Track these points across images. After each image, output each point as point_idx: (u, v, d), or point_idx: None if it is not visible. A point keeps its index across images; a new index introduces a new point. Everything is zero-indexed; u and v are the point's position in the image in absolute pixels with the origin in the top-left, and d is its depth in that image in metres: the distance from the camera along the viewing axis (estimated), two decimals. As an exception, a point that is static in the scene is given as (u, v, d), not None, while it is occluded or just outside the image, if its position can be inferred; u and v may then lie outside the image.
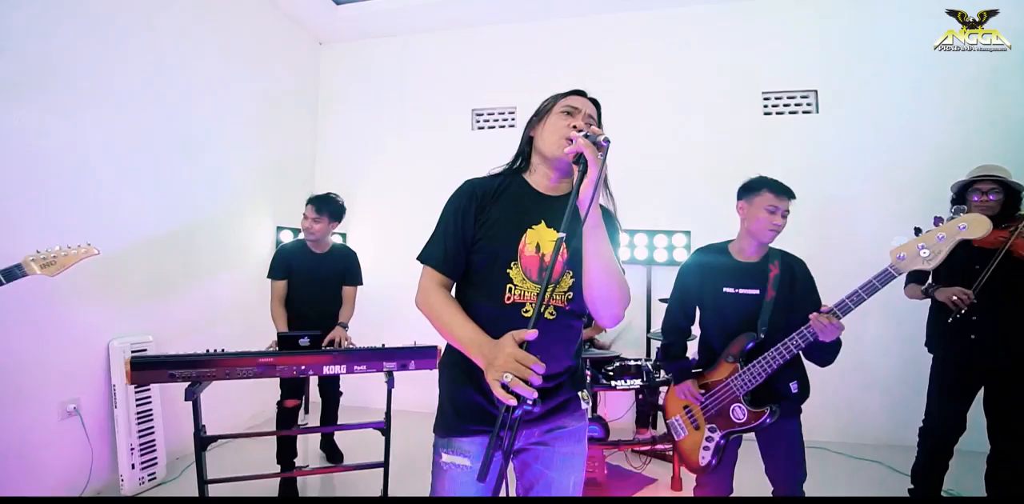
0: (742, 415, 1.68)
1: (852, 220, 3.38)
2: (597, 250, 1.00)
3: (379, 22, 4.00)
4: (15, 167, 2.18)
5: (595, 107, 1.21)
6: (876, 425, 3.26)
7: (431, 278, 1.11)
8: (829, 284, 3.06)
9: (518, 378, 0.83)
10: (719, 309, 1.77)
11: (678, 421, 1.88)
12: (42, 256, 1.55)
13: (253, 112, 3.60)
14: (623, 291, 1.05)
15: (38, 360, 2.25)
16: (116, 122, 2.61)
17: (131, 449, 2.50)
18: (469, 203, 1.12)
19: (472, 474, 1.04)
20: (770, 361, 1.62)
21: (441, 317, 1.04)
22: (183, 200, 3.02)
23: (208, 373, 1.98)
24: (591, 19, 3.89)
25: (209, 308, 3.16)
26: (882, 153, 3.36)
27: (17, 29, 2.17)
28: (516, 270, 1.08)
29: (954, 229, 1.36)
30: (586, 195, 0.94)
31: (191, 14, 3.06)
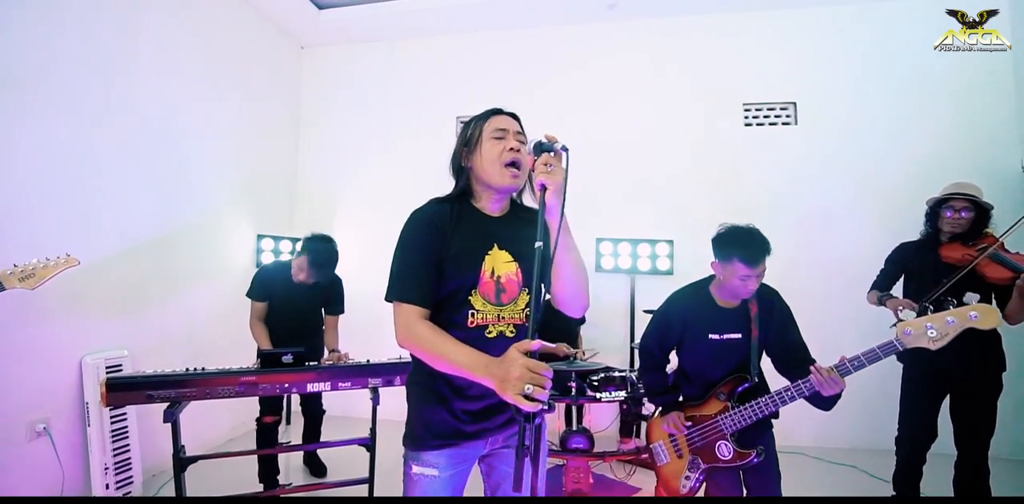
0: (728, 453, 1.72)
1: (830, 231, 3.46)
2: (567, 249, 1.08)
3: (363, 27, 3.95)
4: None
5: (518, 121, 1.24)
6: (852, 430, 3.35)
7: (407, 313, 1.09)
8: (806, 294, 3.15)
9: (538, 386, 0.86)
10: (701, 354, 1.80)
11: (661, 447, 1.91)
12: (20, 269, 1.50)
13: (233, 118, 3.52)
14: (586, 283, 1.17)
15: (4, 378, 2.16)
16: (91, 129, 2.52)
17: (105, 469, 2.42)
18: (432, 232, 1.13)
19: (439, 483, 1.12)
20: (763, 408, 1.66)
21: (435, 348, 1.05)
22: (160, 208, 2.94)
23: (188, 393, 1.93)
24: (576, 28, 3.90)
25: (187, 320, 3.08)
26: (859, 165, 3.45)
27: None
28: (476, 296, 1.13)
29: (965, 316, 1.41)
30: (553, 204, 1.00)
31: (169, 18, 2.98)
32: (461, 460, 1.15)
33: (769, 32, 3.65)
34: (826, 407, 1.67)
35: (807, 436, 3.35)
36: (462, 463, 1.15)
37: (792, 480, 2.79)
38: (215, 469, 2.78)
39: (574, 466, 2.60)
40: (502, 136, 1.17)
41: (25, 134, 2.24)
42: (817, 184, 3.52)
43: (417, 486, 1.13)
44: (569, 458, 2.59)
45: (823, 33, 3.59)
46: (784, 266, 3.48)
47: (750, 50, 3.67)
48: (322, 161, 4.24)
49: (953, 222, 2.11)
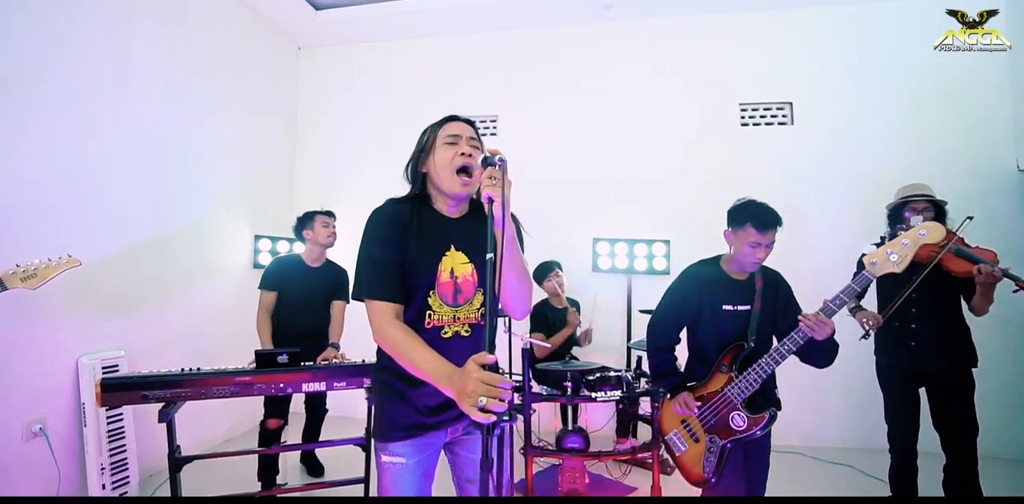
0: (742, 422, 1.72)
1: (826, 231, 3.47)
2: (512, 259, 1.11)
3: (360, 28, 3.96)
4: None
5: (472, 126, 1.27)
6: (846, 429, 3.36)
7: (381, 312, 1.12)
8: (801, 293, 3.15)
9: (493, 398, 0.88)
10: (716, 325, 1.82)
11: (676, 436, 1.89)
12: (22, 269, 1.51)
13: (230, 118, 3.52)
14: (529, 287, 1.22)
15: (1, 378, 2.16)
16: (87, 130, 2.53)
17: (101, 469, 2.43)
18: (395, 229, 1.17)
19: (408, 469, 1.19)
20: (764, 367, 1.69)
21: (404, 353, 1.08)
22: (157, 209, 2.94)
23: (183, 393, 1.93)
24: (572, 29, 3.91)
25: (185, 321, 3.08)
26: (855, 165, 3.46)
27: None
28: (434, 297, 1.18)
29: (916, 235, 1.56)
30: (498, 215, 1.01)
31: (165, 20, 2.99)
32: (426, 447, 1.21)
33: (765, 32, 3.66)
34: (826, 360, 1.72)
35: (802, 436, 3.37)
36: (427, 449, 1.21)
37: (788, 480, 2.83)
38: (213, 469, 2.80)
39: (570, 466, 2.61)
40: (455, 142, 1.20)
41: (23, 136, 2.25)
42: (813, 184, 3.52)
43: (388, 473, 1.19)
44: (565, 458, 2.59)
45: (819, 33, 3.60)
46: (779, 266, 3.49)
47: (746, 50, 3.68)
48: (319, 161, 4.25)
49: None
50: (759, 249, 1.71)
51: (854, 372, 3.39)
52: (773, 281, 1.84)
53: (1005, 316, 3.03)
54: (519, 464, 2.72)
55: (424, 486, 1.22)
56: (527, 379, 2.54)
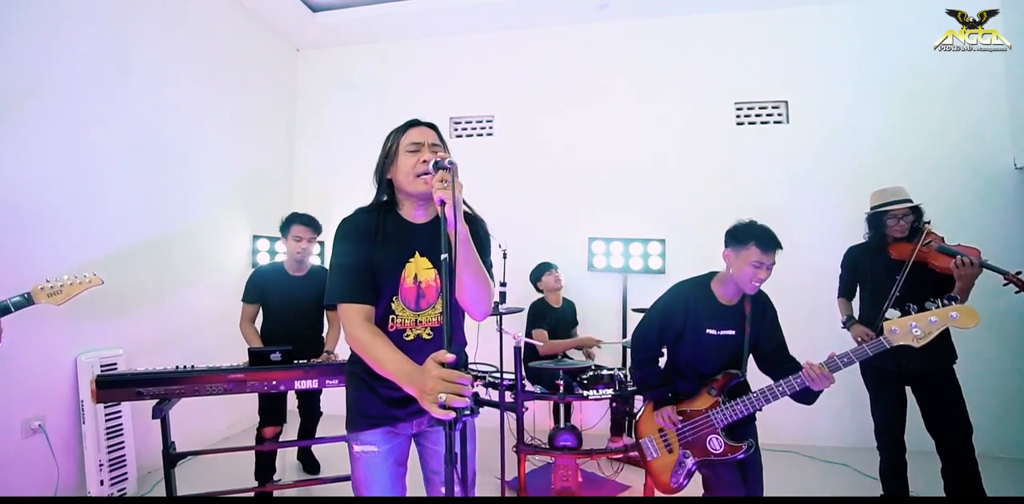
0: (719, 446, 1.76)
1: (822, 229, 3.46)
2: (466, 260, 1.12)
3: (358, 30, 3.99)
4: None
5: (434, 130, 1.30)
6: (841, 428, 3.35)
7: (350, 315, 1.16)
8: (796, 294, 3.16)
9: (453, 395, 0.91)
10: (698, 348, 1.84)
11: (651, 442, 1.93)
12: (50, 285, 1.56)
13: (228, 120, 3.56)
14: (488, 290, 1.20)
15: (1, 375, 2.20)
16: (85, 133, 2.57)
17: (99, 465, 2.46)
18: (361, 238, 1.22)
19: (380, 457, 1.23)
20: (754, 402, 1.72)
21: (370, 353, 1.12)
22: (156, 210, 2.98)
23: (177, 390, 1.97)
24: (567, 29, 3.93)
25: (183, 320, 3.12)
26: (851, 163, 3.46)
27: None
28: (397, 302, 1.23)
29: (946, 316, 1.55)
30: (451, 217, 1.04)
31: (163, 23, 3.03)
32: (395, 436, 1.26)
33: (761, 31, 3.66)
34: (810, 401, 1.75)
35: (797, 435, 3.36)
36: (396, 437, 1.26)
37: (784, 479, 2.83)
38: (211, 467, 2.84)
39: (562, 464, 2.62)
40: (416, 150, 1.23)
41: (20, 139, 2.29)
42: (809, 183, 3.52)
43: (361, 462, 1.24)
44: (557, 456, 2.61)
45: (815, 31, 3.60)
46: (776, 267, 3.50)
47: (742, 49, 3.69)
48: (318, 162, 4.28)
49: (899, 229, 2.24)
50: (761, 270, 1.71)
51: (849, 371, 3.40)
52: (762, 305, 1.85)
53: (1001, 313, 3.02)
54: (512, 462, 2.74)
55: (397, 474, 1.26)
56: (519, 377, 2.55)
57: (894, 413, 2.28)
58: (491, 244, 1.35)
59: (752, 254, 1.70)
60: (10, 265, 2.20)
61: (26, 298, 1.54)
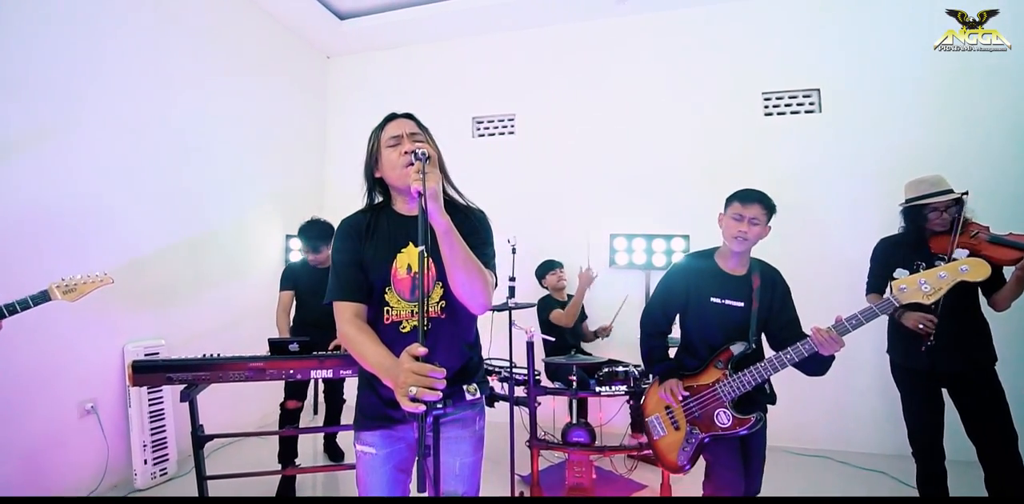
0: (727, 420, 1.73)
1: (854, 221, 3.28)
2: (451, 252, 1.10)
3: (383, 35, 4.12)
4: (33, 181, 2.37)
5: (411, 119, 1.31)
6: (879, 434, 3.15)
7: (339, 312, 1.20)
8: (827, 290, 3.01)
9: (423, 388, 0.91)
10: (704, 317, 1.82)
11: (657, 420, 1.91)
12: (64, 283, 1.70)
13: (262, 126, 3.78)
14: (484, 282, 1.15)
15: (59, 362, 2.45)
16: (127, 140, 2.80)
17: (144, 446, 2.68)
18: (351, 238, 1.25)
19: (379, 460, 1.22)
20: (761, 372, 1.68)
21: (356, 348, 1.15)
22: (195, 211, 3.21)
23: (203, 376, 2.11)
24: (586, 26, 3.91)
25: (220, 314, 3.33)
26: (886, 151, 3.25)
27: (25, 51, 2.38)
28: (391, 294, 1.22)
29: (956, 270, 1.49)
30: (431, 208, 1.03)
31: (199, 34, 3.26)
32: (395, 440, 1.23)
33: (787, 17, 3.50)
34: (820, 371, 1.71)
35: (830, 439, 3.21)
36: (397, 442, 1.23)
37: (816, 486, 2.73)
38: (240, 451, 3.03)
39: (575, 460, 2.61)
40: (397, 143, 1.24)
41: (72, 145, 2.53)
42: (842, 174, 3.34)
43: (361, 462, 1.24)
44: (570, 452, 2.60)
45: (850, 16, 3.40)
46: (806, 261, 3.34)
47: (768, 37, 3.54)
48: (347, 164, 4.43)
49: (940, 222, 2.06)
50: (742, 223, 1.73)
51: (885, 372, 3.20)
52: (771, 279, 1.83)
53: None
54: (526, 457, 2.76)
55: (396, 479, 1.23)
56: (531, 372, 2.57)
57: (928, 417, 2.12)
58: (491, 237, 1.31)
59: (733, 208, 1.77)
60: (64, 261, 2.44)
61: (43, 295, 1.66)
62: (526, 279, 3.68)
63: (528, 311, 2.87)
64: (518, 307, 2.59)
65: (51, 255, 2.38)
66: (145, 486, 2.66)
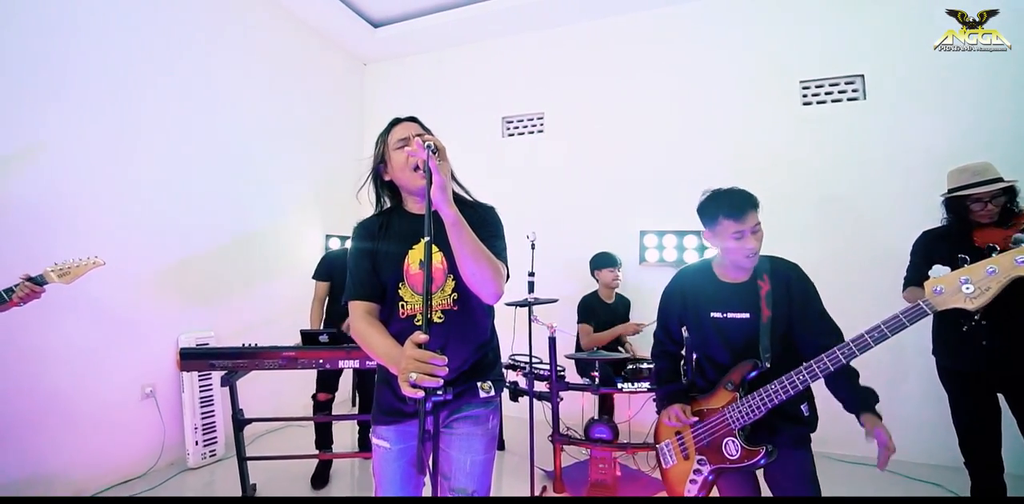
0: (735, 451, 1.51)
1: (903, 217, 3.06)
2: (460, 241, 1.11)
3: (415, 41, 4.26)
4: (89, 184, 2.64)
5: (415, 122, 1.35)
6: (934, 443, 2.92)
7: (352, 310, 1.25)
8: (867, 290, 2.84)
9: (423, 374, 0.93)
10: (706, 335, 1.62)
11: (668, 447, 1.71)
12: (59, 267, 1.75)
13: (303, 132, 4.00)
14: (494, 271, 1.15)
15: (123, 349, 2.71)
16: (180, 147, 3.06)
17: (195, 428, 2.91)
18: (363, 239, 1.30)
19: (391, 454, 1.25)
20: (771, 395, 1.44)
21: (366, 341, 1.19)
22: (242, 212, 3.45)
23: (241, 363, 2.28)
24: (614, 21, 3.88)
25: (263, 308, 3.56)
26: (935, 141, 3.02)
27: (88, 63, 2.65)
28: (405, 289, 1.25)
29: (1010, 262, 1.12)
30: (436, 198, 1.05)
31: (243, 46, 3.51)
32: (409, 437, 1.24)
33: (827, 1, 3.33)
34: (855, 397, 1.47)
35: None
36: (411, 439, 1.24)
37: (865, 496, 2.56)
38: (283, 439, 3.23)
39: (598, 456, 2.60)
40: (404, 145, 1.27)
41: (133, 153, 2.80)
42: (887, 165, 3.13)
43: (376, 454, 1.28)
44: (593, 448, 2.59)
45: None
46: (846, 257, 3.16)
47: (804, 22, 3.38)
48: (384, 166, 4.63)
49: (986, 213, 1.89)
50: (746, 239, 1.49)
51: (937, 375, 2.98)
52: (784, 279, 1.56)
53: None
54: (548, 452, 2.78)
55: (409, 475, 1.24)
56: (554, 367, 2.58)
57: (980, 425, 1.96)
58: (500, 229, 1.33)
59: (727, 227, 1.49)
60: (130, 256, 2.71)
61: (39, 278, 1.71)
62: (546, 274, 3.69)
63: (549, 307, 2.87)
64: (538, 302, 2.61)
65: (116, 252, 2.63)
66: (196, 465, 2.89)
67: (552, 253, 3.84)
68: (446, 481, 1.24)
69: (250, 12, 3.55)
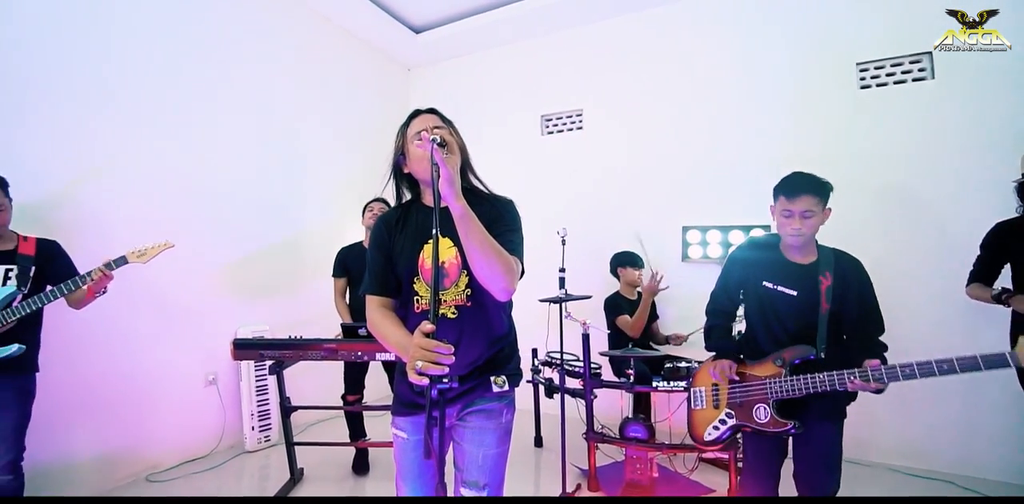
0: (764, 417, 1.67)
1: (974, 208, 2.77)
2: (468, 235, 1.10)
3: (455, 44, 4.36)
4: (161, 191, 2.91)
5: (436, 114, 1.35)
6: (1017, 458, 2.63)
7: (369, 303, 1.29)
8: (946, 288, 2.61)
9: (428, 362, 0.95)
10: (760, 303, 1.75)
11: (700, 392, 1.88)
12: (138, 249, 2.02)
13: (350, 138, 4.20)
14: (503, 266, 1.13)
15: (189, 340, 2.96)
16: (244, 153, 3.30)
17: (252, 415, 3.13)
18: (381, 234, 1.33)
19: (408, 444, 1.28)
20: (818, 384, 1.56)
21: (381, 332, 1.22)
22: (294, 214, 3.68)
23: (287, 354, 2.44)
24: (654, 11, 3.78)
25: (314, 304, 3.74)
26: (1011, 123, 2.71)
27: (165, 86, 2.92)
28: (420, 283, 1.26)
29: None
30: (443, 192, 1.05)
31: (296, 58, 3.74)
32: (423, 428, 1.22)
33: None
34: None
35: (953, 461, 2.74)
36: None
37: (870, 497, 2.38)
38: (329, 430, 3.41)
39: (633, 456, 2.55)
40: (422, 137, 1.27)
41: (204, 162, 3.07)
42: (956, 149, 2.85)
43: (395, 444, 1.32)
44: (628, 447, 2.54)
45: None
46: (909, 248, 2.92)
47: (863, 1, 3.14)
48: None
49: None
50: (792, 219, 1.63)
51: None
52: (844, 275, 1.66)
53: None
54: (582, 450, 2.75)
55: (426, 465, 1.25)
56: (587, 364, 2.56)
57: None
58: (516, 223, 1.31)
59: (780, 204, 1.67)
60: (196, 254, 2.97)
61: (120, 259, 1.97)
62: (586, 270, 3.65)
63: (582, 303, 2.84)
64: (569, 298, 2.60)
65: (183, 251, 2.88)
66: (253, 448, 3.11)
67: (591, 250, 3.80)
68: (460, 473, 1.27)
69: (301, 26, 3.78)
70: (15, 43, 2.32)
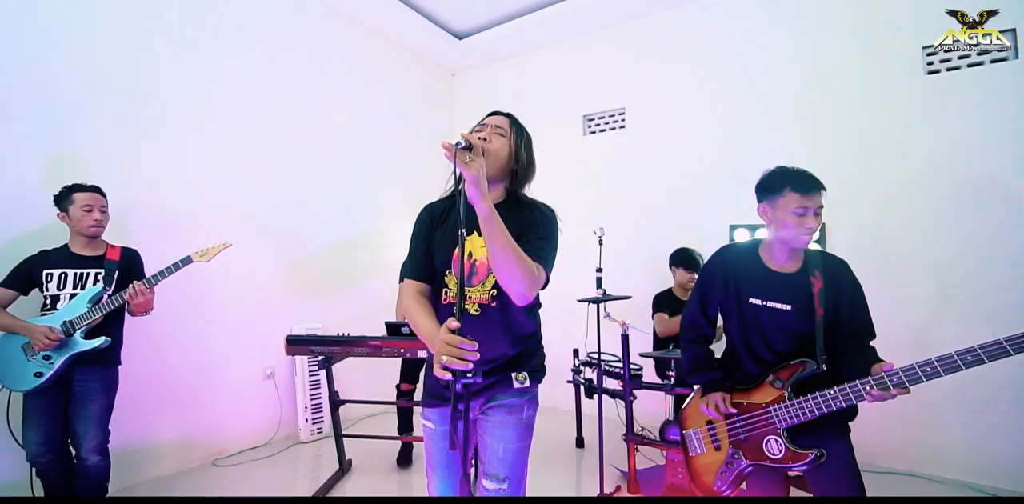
0: (778, 451, 1.45)
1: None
2: (490, 236, 1.10)
3: (497, 48, 4.42)
4: (224, 196, 3.13)
5: (506, 117, 1.38)
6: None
7: (404, 288, 1.34)
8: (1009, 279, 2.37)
9: (453, 358, 0.98)
10: (742, 323, 1.56)
11: (696, 435, 1.65)
12: (201, 249, 2.19)
13: (399, 144, 4.36)
14: (522, 271, 1.12)
15: (248, 336, 3.18)
16: (294, 160, 3.52)
17: (305, 407, 3.32)
18: (424, 222, 1.37)
19: (436, 433, 1.32)
20: (829, 401, 1.38)
21: (412, 318, 1.27)
22: (345, 218, 3.86)
23: (335, 350, 2.56)
24: (698, 6, 3.68)
25: (365, 303, 3.93)
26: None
27: (229, 99, 3.15)
28: (451, 276, 1.29)
29: None
30: (469, 193, 1.06)
31: (347, 68, 3.94)
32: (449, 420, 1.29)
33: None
34: None
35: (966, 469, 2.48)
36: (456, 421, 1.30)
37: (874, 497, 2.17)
38: (378, 424, 3.54)
39: (674, 459, 2.49)
40: (480, 129, 1.34)
41: (265, 172, 3.30)
42: (1048, 135, 2.58)
43: (425, 434, 1.36)
44: (669, 450, 2.48)
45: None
46: (984, 247, 2.67)
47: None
48: (471, 171, 4.85)
49: None
50: (808, 217, 1.43)
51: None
52: (834, 276, 1.50)
53: None
54: (623, 452, 2.71)
55: (452, 457, 1.28)
56: (627, 365, 2.52)
57: None
58: (551, 231, 1.29)
59: (791, 200, 1.44)
60: (257, 256, 3.19)
61: (186, 259, 2.14)
62: (629, 271, 3.59)
63: (622, 303, 2.80)
64: (607, 298, 2.57)
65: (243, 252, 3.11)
66: (307, 439, 3.29)
67: (633, 250, 3.74)
68: (482, 466, 1.30)
69: (348, 34, 3.97)
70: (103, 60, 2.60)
